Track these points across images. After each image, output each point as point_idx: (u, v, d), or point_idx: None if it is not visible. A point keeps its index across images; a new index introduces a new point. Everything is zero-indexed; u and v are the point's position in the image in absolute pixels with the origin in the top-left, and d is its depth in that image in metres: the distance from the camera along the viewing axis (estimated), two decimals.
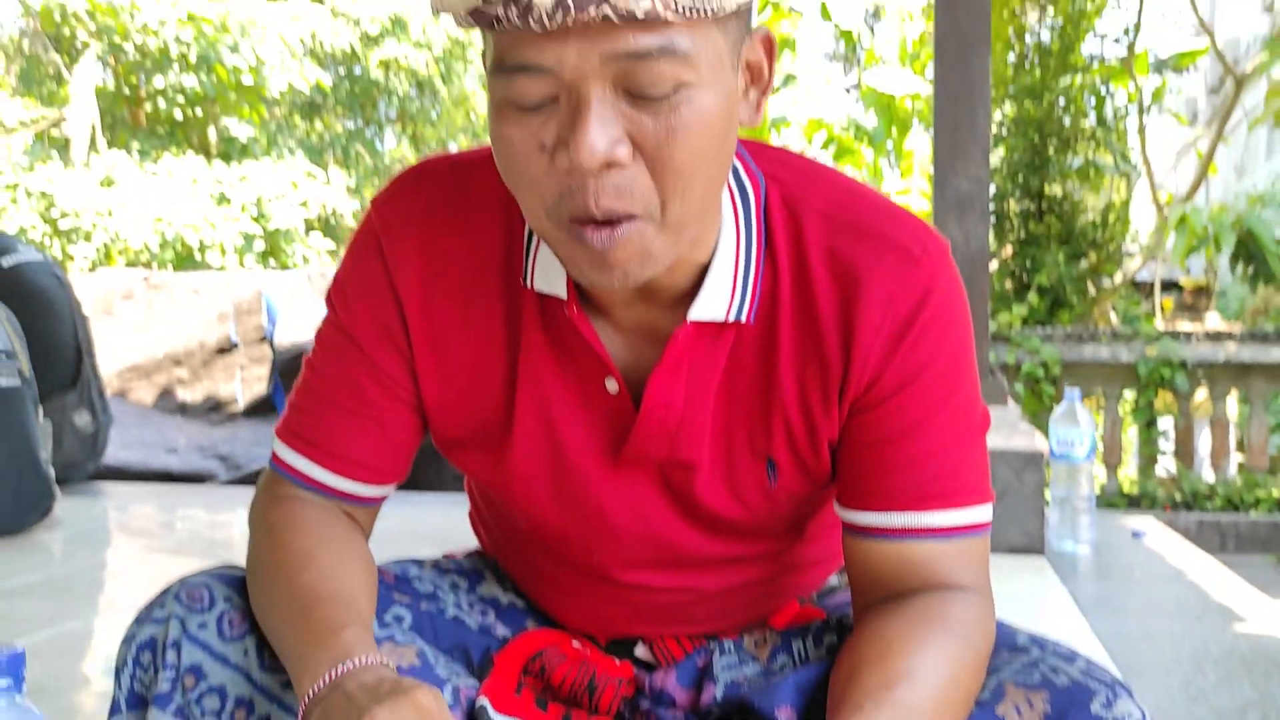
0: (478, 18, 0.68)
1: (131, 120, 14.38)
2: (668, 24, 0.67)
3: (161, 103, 13.34)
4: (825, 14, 9.48)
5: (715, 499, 0.90)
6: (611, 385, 0.86)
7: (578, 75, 0.68)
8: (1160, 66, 7.83)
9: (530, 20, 0.66)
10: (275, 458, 0.94)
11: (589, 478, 0.90)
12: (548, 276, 0.84)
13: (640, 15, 0.65)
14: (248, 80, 13.31)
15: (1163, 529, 3.33)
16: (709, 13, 0.68)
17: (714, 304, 0.83)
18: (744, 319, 0.84)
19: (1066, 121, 7.35)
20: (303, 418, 0.93)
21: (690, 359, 0.85)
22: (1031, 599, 2.51)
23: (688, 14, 0.67)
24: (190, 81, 13.01)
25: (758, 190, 0.86)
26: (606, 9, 0.65)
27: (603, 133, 0.68)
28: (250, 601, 0.86)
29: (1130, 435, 6.38)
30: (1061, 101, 7.34)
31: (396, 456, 0.93)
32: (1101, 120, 7.44)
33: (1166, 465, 6.40)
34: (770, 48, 0.79)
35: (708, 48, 0.70)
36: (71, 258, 11.92)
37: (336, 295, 0.92)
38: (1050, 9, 7.37)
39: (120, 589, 2.63)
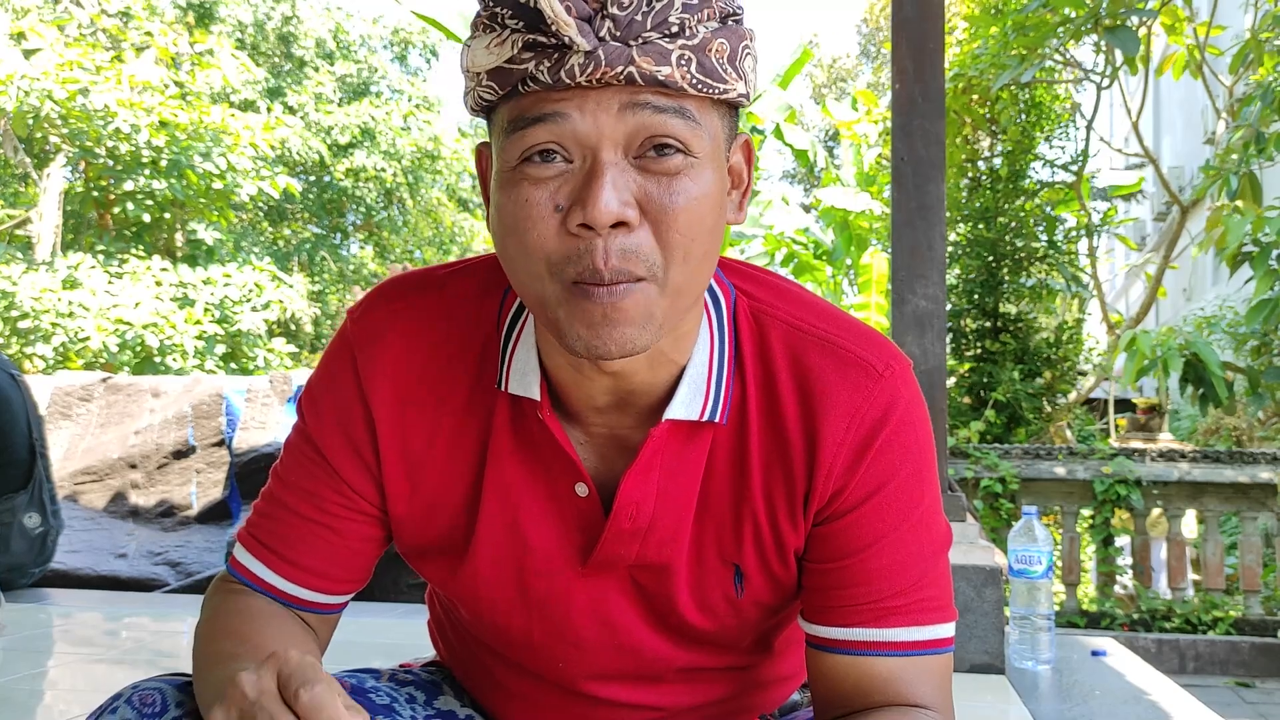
0: (504, 79, 0.73)
1: (99, 222, 14.40)
2: (681, 93, 0.73)
3: (130, 206, 13.38)
4: (779, 134, 9.75)
5: (685, 606, 0.90)
6: (582, 489, 0.86)
7: (595, 132, 0.73)
8: (1102, 196, 8.10)
9: (561, 73, 0.71)
10: (233, 560, 0.93)
11: (556, 583, 0.89)
12: (523, 380, 0.85)
13: (661, 78, 0.71)
14: (218, 185, 13.40)
15: (1123, 649, 3.32)
16: (715, 91, 0.74)
17: (689, 404, 0.84)
18: (718, 419, 0.85)
19: (1018, 243, 7.56)
20: (264, 523, 0.93)
21: (664, 460, 0.85)
22: None
23: (699, 88, 0.73)
24: (160, 186, 13.07)
25: (728, 300, 0.88)
26: (633, 70, 0.71)
27: (615, 194, 0.72)
28: (194, 692, 0.84)
29: (1089, 553, 6.40)
30: (1013, 224, 7.57)
31: (354, 566, 0.93)
32: (1052, 243, 7.67)
33: (1125, 583, 6.41)
34: (749, 154, 0.84)
35: (709, 126, 0.76)
36: (29, 358, 11.77)
37: (307, 403, 0.93)
38: (1001, 136, 7.64)
39: (60, 700, 2.54)
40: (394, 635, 3.18)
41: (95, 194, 13.96)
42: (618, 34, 0.71)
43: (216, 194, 13.61)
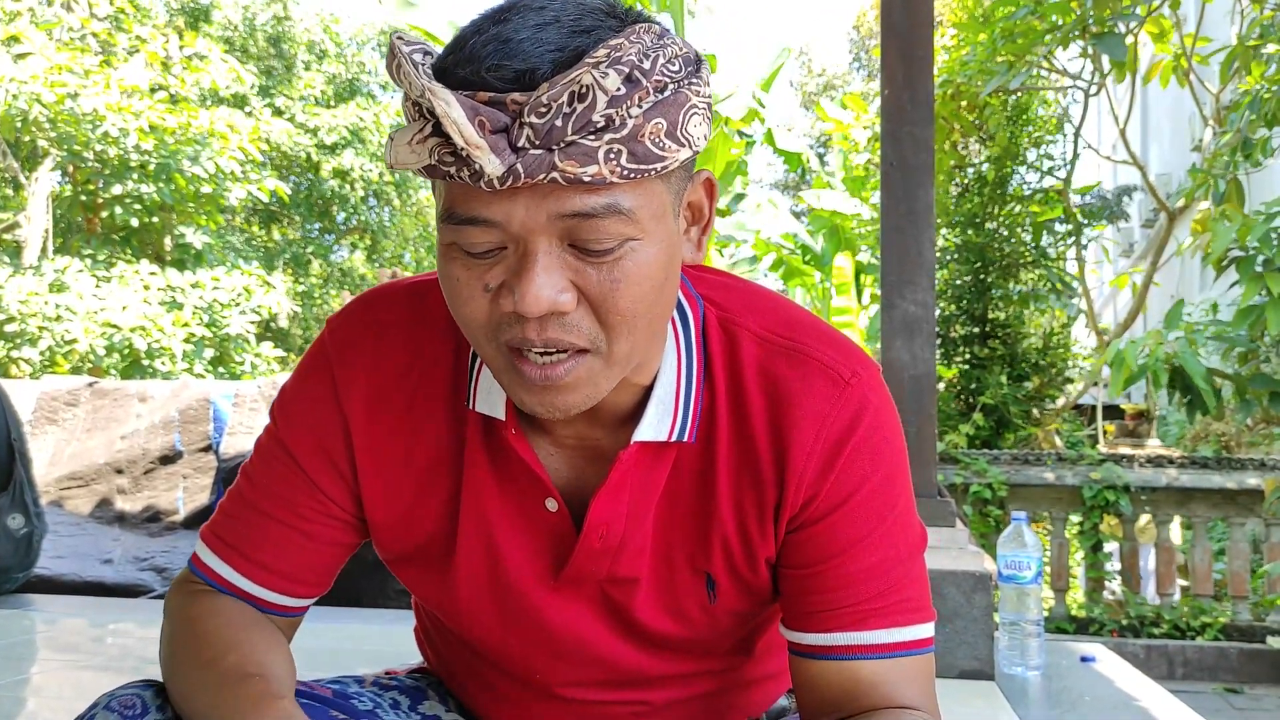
0: (431, 171, 0.71)
1: (87, 226, 14.34)
2: (613, 185, 0.70)
3: (118, 209, 13.33)
4: (769, 139, 9.76)
5: (655, 616, 0.90)
6: (551, 504, 0.87)
7: (525, 230, 0.70)
8: (1092, 211, 8.14)
9: (481, 183, 0.68)
10: (195, 559, 0.93)
11: (530, 597, 0.90)
12: (489, 399, 0.85)
13: (587, 179, 0.68)
14: (206, 190, 13.37)
15: (1112, 655, 3.32)
16: (652, 171, 0.71)
17: (658, 425, 0.84)
18: (686, 439, 0.85)
19: (1006, 249, 7.59)
20: (229, 522, 0.92)
21: (633, 479, 0.85)
22: None
23: (631, 176, 0.70)
24: (148, 190, 13.03)
25: (696, 314, 0.88)
26: (555, 175, 0.67)
27: (548, 283, 0.71)
28: (170, 693, 0.84)
29: (1077, 558, 6.41)
30: (1002, 230, 7.60)
31: (319, 570, 0.93)
32: (1040, 248, 7.70)
33: (1113, 589, 6.42)
34: (711, 189, 0.81)
35: (651, 202, 0.73)
36: (15, 362, 11.72)
37: (279, 410, 0.93)
38: (989, 143, 7.67)
39: (45, 707, 2.52)
40: (380, 643, 3.17)
41: (83, 198, 13.91)
42: (537, 141, 0.67)
43: (205, 198, 13.57)
